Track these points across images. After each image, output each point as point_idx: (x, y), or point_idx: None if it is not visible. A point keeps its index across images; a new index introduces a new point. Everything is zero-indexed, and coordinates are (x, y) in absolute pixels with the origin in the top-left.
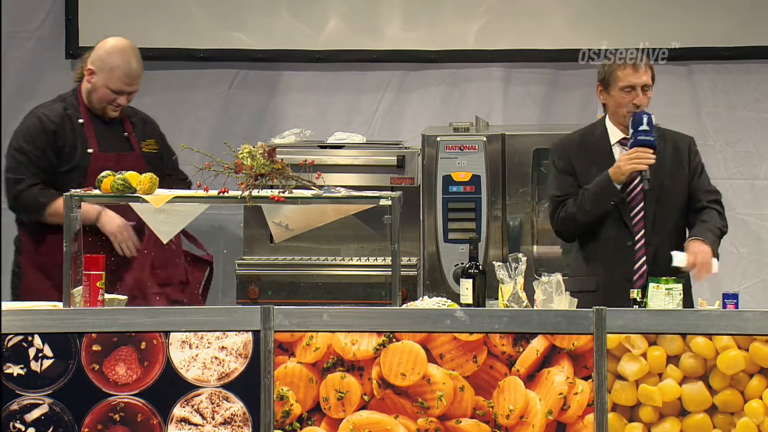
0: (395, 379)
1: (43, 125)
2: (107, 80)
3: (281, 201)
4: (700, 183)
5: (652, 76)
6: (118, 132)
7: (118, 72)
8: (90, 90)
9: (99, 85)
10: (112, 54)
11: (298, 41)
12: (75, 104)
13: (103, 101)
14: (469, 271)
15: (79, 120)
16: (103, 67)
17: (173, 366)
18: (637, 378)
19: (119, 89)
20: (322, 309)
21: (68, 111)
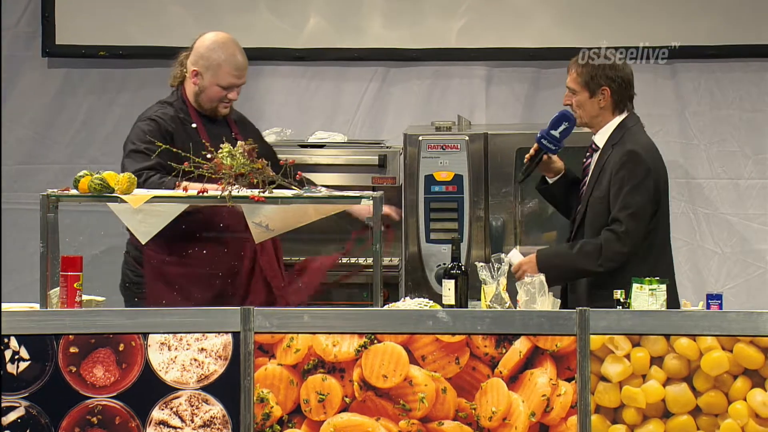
0: (377, 380)
1: (159, 126)
2: (216, 78)
3: (261, 201)
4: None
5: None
6: (226, 133)
7: (226, 67)
8: (198, 92)
9: (208, 85)
10: (215, 50)
11: (278, 39)
12: (184, 108)
13: (214, 100)
14: (452, 271)
15: (192, 124)
16: (209, 65)
17: (152, 368)
18: (621, 379)
19: (230, 84)
20: (303, 310)
21: (180, 115)
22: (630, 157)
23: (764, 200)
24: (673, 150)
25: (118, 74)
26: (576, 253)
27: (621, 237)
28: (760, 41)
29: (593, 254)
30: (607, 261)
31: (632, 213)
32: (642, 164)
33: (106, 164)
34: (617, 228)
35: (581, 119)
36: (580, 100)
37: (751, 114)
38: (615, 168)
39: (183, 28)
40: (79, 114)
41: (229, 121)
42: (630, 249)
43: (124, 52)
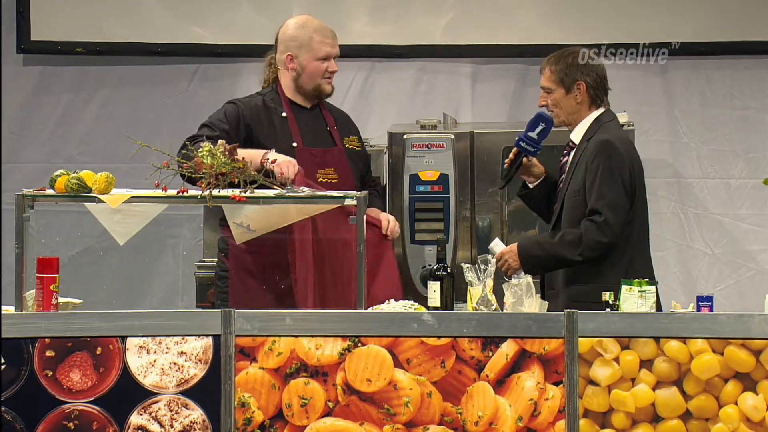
0: (360, 384)
1: (240, 112)
2: (311, 52)
3: (242, 201)
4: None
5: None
6: (321, 125)
7: (318, 37)
8: (296, 76)
9: (306, 63)
10: (300, 28)
11: (260, 35)
12: (276, 98)
13: (316, 76)
14: (437, 273)
15: (282, 114)
16: (301, 44)
17: (130, 372)
18: (610, 383)
19: (327, 54)
20: (285, 312)
21: (270, 105)
22: (603, 146)
23: (755, 200)
24: (662, 149)
25: (95, 71)
26: (557, 242)
27: (601, 227)
28: (751, 38)
29: (574, 243)
30: (587, 250)
31: (610, 203)
32: (616, 153)
33: (84, 163)
34: (597, 218)
35: (558, 118)
36: (556, 98)
37: (742, 112)
38: (590, 158)
39: (162, 24)
40: (55, 112)
41: (325, 114)
42: (610, 239)
43: (101, 48)
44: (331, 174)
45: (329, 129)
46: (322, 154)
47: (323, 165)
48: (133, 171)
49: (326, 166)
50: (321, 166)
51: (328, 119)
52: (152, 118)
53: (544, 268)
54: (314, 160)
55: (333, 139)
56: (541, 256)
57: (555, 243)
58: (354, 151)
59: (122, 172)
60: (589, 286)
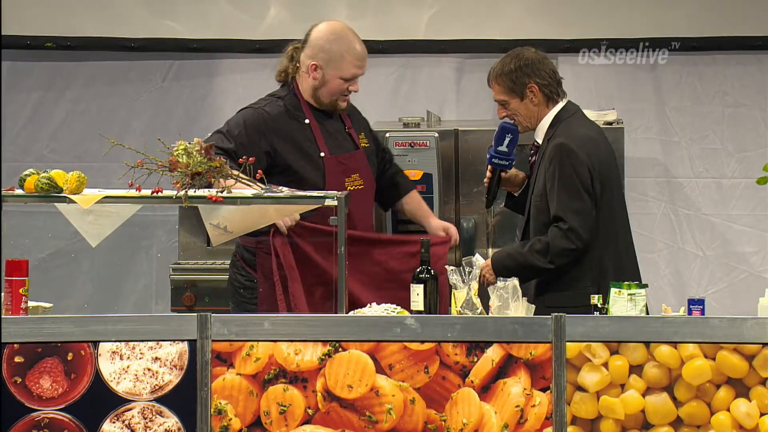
0: (341, 391)
1: (262, 122)
2: (338, 70)
3: (219, 201)
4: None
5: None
6: (340, 128)
7: (349, 57)
8: (317, 86)
9: (329, 78)
10: (335, 41)
11: (237, 30)
12: (297, 103)
13: (335, 94)
14: (420, 275)
15: (305, 121)
16: (330, 58)
17: (102, 378)
18: (598, 389)
19: (353, 75)
20: (263, 317)
21: (292, 111)
22: (558, 151)
23: (748, 200)
24: (652, 147)
25: (66, 67)
26: (527, 251)
27: (567, 234)
28: (744, 33)
29: (542, 252)
30: (557, 258)
31: (573, 209)
32: (570, 157)
33: (54, 162)
34: (562, 225)
35: (521, 125)
36: (514, 107)
37: (735, 109)
38: (547, 163)
39: (136, 18)
40: (24, 109)
41: (342, 115)
42: (578, 245)
43: (72, 43)
44: (357, 180)
45: (348, 131)
46: (348, 160)
47: (349, 172)
48: (106, 170)
49: (352, 173)
50: (348, 174)
51: (345, 120)
52: (125, 115)
53: (519, 278)
54: (341, 168)
55: (353, 141)
56: (512, 267)
57: (525, 252)
58: (367, 149)
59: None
60: (563, 293)
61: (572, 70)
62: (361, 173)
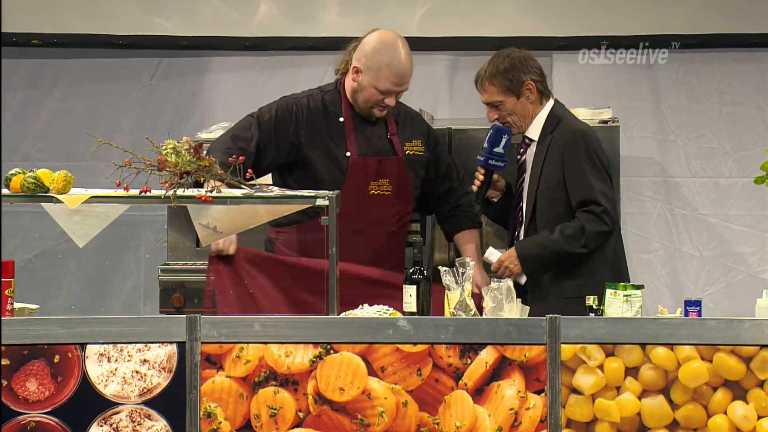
0: (333, 394)
1: (294, 113)
2: (375, 80)
3: (208, 201)
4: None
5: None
6: (380, 132)
7: (387, 72)
8: (355, 89)
9: (365, 85)
10: (380, 51)
11: (227, 27)
12: (337, 100)
13: (370, 102)
14: (413, 276)
15: (340, 118)
16: (370, 66)
17: (90, 381)
18: (594, 391)
19: (388, 90)
20: (254, 318)
21: (329, 108)
22: (580, 136)
23: (746, 200)
24: (649, 146)
25: (53, 65)
26: (557, 237)
27: (601, 216)
28: (742, 30)
29: (576, 236)
30: (591, 241)
31: (603, 192)
32: (592, 142)
33: (41, 161)
34: (595, 209)
35: (515, 125)
36: (509, 107)
37: (732, 108)
38: (566, 150)
39: (124, 15)
40: (10, 108)
41: (388, 120)
42: (611, 228)
43: (59, 40)
44: (385, 185)
45: (390, 137)
46: (376, 164)
47: (377, 176)
48: (93, 169)
49: (381, 177)
50: (374, 178)
51: (390, 125)
52: (113, 113)
53: (547, 266)
54: (367, 170)
55: (393, 147)
56: (542, 255)
57: (555, 239)
58: (416, 157)
59: (81, 171)
60: (583, 283)
61: (567, 67)
62: (392, 179)
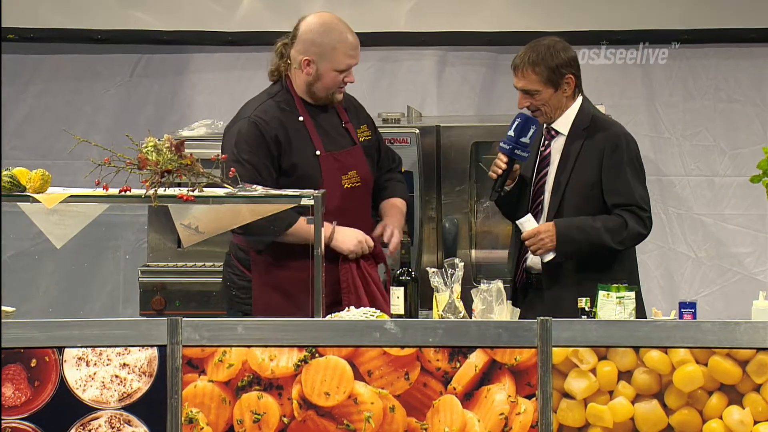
0: (318, 398)
1: (261, 131)
2: (333, 63)
3: (190, 200)
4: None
5: (538, 80)
6: (336, 123)
7: (342, 49)
8: (311, 81)
9: (323, 72)
10: (325, 33)
11: (209, 22)
12: (290, 99)
13: (331, 87)
14: (401, 278)
15: (299, 118)
16: (323, 51)
17: (68, 386)
18: (586, 396)
19: (348, 65)
20: (237, 321)
21: (284, 108)
22: (624, 140)
23: (741, 199)
24: (642, 144)
25: (29, 60)
26: (600, 227)
27: (645, 221)
28: (737, 25)
29: (618, 231)
30: (629, 240)
31: (644, 198)
32: (635, 147)
33: (17, 159)
34: (639, 211)
35: (545, 116)
36: (545, 98)
37: (728, 105)
38: (608, 151)
39: (102, 9)
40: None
41: (338, 109)
42: (648, 233)
43: (36, 35)
44: (354, 177)
45: (345, 125)
46: (344, 157)
47: (346, 169)
48: (71, 168)
49: (349, 169)
50: (344, 171)
51: (342, 114)
52: (92, 110)
53: (580, 252)
54: (337, 165)
55: (350, 136)
56: (581, 240)
57: (598, 228)
58: (367, 143)
59: (59, 170)
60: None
61: None
62: (358, 169)
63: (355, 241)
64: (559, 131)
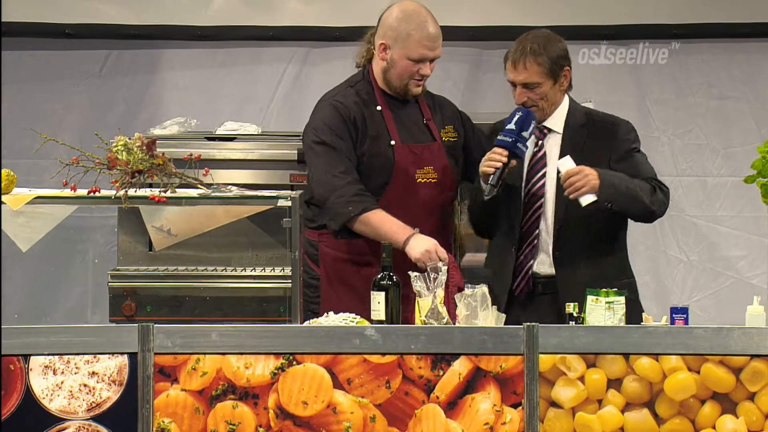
0: (295, 408)
1: (340, 114)
2: (406, 50)
3: (162, 202)
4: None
5: (541, 72)
6: (416, 118)
7: (417, 37)
8: (386, 68)
9: (397, 59)
10: (404, 20)
11: (181, 16)
12: (369, 89)
13: (405, 76)
14: (382, 282)
15: (377, 107)
16: (398, 36)
17: (34, 395)
18: (574, 405)
19: (421, 56)
20: (211, 327)
21: (363, 97)
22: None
23: (735, 200)
24: None
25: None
26: (638, 183)
27: (666, 193)
28: (731, 19)
29: (649, 192)
30: (657, 205)
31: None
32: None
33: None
34: (662, 185)
35: (543, 111)
36: (544, 91)
37: (720, 102)
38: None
39: (69, 2)
40: None
41: (421, 105)
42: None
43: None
44: (430, 173)
45: (426, 122)
46: (421, 150)
47: (422, 163)
48: (38, 168)
49: (425, 164)
50: (420, 165)
51: (425, 111)
52: (59, 108)
53: (616, 200)
54: (413, 158)
55: (431, 133)
56: (620, 188)
57: (635, 183)
58: (450, 144)
59: (25, 170)
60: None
61: None
62: (435, 165)
63: (423, 249)
64: (552, 129)
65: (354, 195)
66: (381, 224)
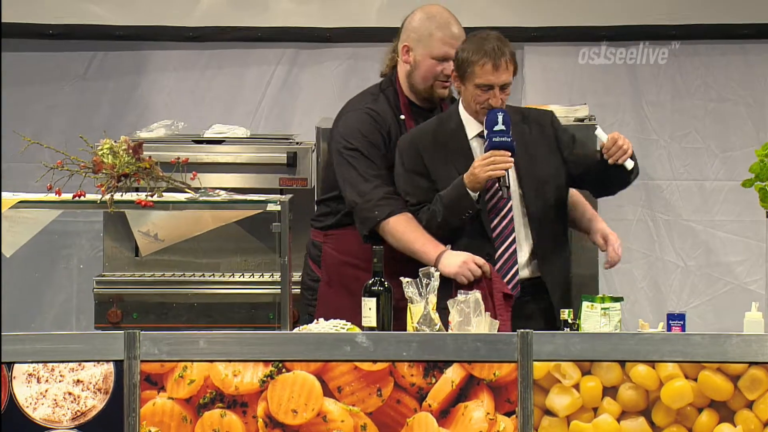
0: (285, 416)
1: (375, 121)
2: (429, 49)
3: (149, 206)
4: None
5: (512, 71)
6: None
7: (439, 35)
8: (410, 71)
9: (420, 59)
10: (426, 20)
11: (168, 16)
12: (395, 97)
13: (429, 77)
14: (373, 288)
15: (401, 116)
16: (420, 37)
17: (17, 404)
18: (569, 413)
19: (444, 54)
20: (198, 334)
21: (392, 105)
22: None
23: (733, 205)
24: None
25: None
26: None
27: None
28: (728, 20)
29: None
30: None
31: None
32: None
33: None
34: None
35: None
36: (508, 92)
37: (718, 104)
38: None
39: (55, 2)
40: None
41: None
42: None
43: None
44: None
45: None
46: None
47: None
48: (22, 171)
49: None
50: None
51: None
52: (44, 111)
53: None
54: None
55: None
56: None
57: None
58: None
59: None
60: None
61: (539, 60)
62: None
63: (460, 262)
64: None
65: (381, 199)
66: (413, 240)
